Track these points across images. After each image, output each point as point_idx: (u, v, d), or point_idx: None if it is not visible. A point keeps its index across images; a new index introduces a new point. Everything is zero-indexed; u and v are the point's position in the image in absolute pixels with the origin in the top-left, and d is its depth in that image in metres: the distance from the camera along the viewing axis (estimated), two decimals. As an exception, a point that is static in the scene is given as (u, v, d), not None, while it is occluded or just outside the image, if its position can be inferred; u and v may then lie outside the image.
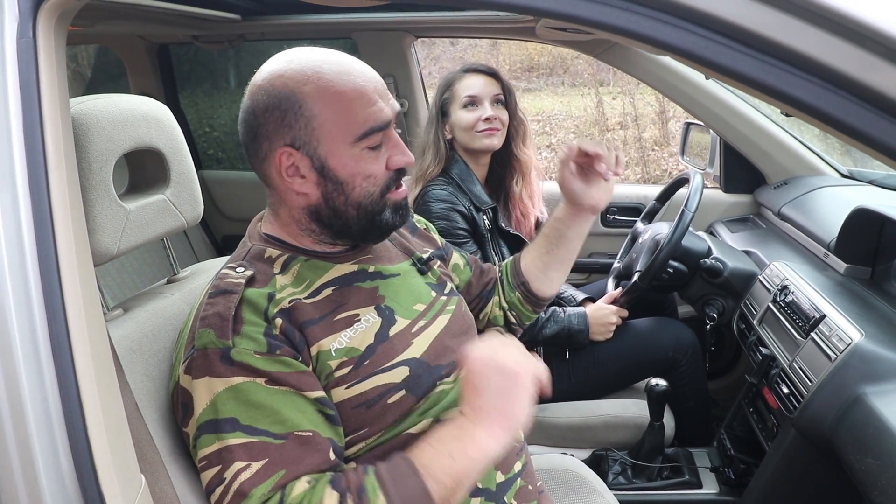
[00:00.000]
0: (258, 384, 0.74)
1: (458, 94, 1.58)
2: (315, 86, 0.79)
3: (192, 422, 0.75)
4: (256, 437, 0.73)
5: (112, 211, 0.88)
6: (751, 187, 2.00)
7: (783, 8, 0.46)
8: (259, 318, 0.77)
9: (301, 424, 0.75)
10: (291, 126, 0.79)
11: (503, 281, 1.18)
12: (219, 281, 0.81)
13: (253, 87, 0.82)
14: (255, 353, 0.75)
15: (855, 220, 1.31)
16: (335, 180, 0.81)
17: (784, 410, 1.19)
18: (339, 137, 0.79)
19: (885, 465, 0.88)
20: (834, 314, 1.14)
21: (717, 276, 1.52)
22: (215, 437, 0.73)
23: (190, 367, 0.76)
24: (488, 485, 0.87)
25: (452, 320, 0.95)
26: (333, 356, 0.80)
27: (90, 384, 0.60)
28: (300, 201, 0.84)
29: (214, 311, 0.77)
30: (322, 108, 0.78)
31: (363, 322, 0.84)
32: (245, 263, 0.84)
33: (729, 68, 0.46)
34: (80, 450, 0.59)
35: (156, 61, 2.42)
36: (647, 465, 1.47)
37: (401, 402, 0.82)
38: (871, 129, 0.45)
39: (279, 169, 0.81)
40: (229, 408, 0.73)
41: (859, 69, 0.44)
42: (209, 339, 0.75)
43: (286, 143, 0.80)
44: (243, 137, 0.84)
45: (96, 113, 0.86)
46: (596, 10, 0.49)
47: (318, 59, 0.81)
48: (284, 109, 0.78)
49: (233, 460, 0.72)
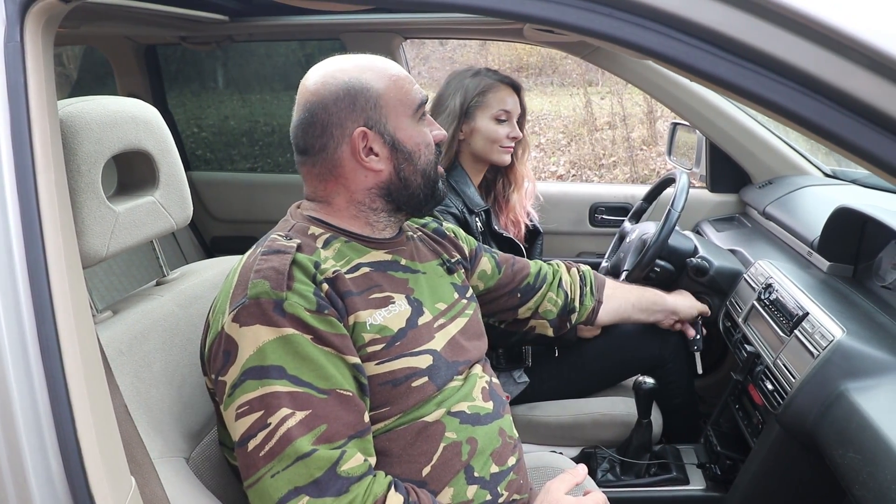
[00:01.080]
0: (306, 339, 0.78)
1: (490, 104, 1.53)
2: (373, 72, 0.89)
3: (235, 368, 0.77)
4: (302, 388, 0.76)
5: (101, 213, 0.88)
6: (736, 187, 2.03)
7: (761, 15, 0.47)
8: (308, 279, 0.81)
9: (342, 384, 0.79)
10: (364, 108, 0.87)
11: (582, 287, 1.32)
12: (271, 243, 0.86)
13: (311, 89, 0.89)
14: (305, 309, 0.78)
15: (837, 219, 1.34)
16: (405, 152, 0.90)
17: (768, 407, 1.21)
18: (402, 112, 0.90)
19: (867, 459, 0.90)
20: (817, 312, 1.16)
21: (703, 274, 1.54)
22: (259, 384, 0.75)
23: (239, 315, 0.78)
24: (483, 474, 0.91)
25: (468, 324, 1.01)
26: (368, 330, 0.84)
27: (79, 386, 0.60)
28: (370, 181, 0.90)
29: (269, 265, 0.81)
30: (384, 89, 0.88)
31: (397, 306, 0.89)
32: (291, 234, 0.89)
33: (709, 73, 0.47)
34: (69, 452, 0.59)
35: (143, 62, 2.41)
36: (635, 462, 1.48)
37: (423, 388, 0.87)
38: (846, 132, 0.46)
39: (355, 150, 0.88)
40: (277, 356, 0.76)
41: (834, 74, 0.46)
42: (263, 289, 0.78)
43: (361, 124, 0.87)
44: (304, 138, 0.90)
45: (84, 115, 0.86)
46: (580, 16, 0.50)
47: (362, 56, 0.92)
48: (354, 95, 0.87)
49: (279, 406, 0.75)
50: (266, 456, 0.74)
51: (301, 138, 0.90)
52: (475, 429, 0.91)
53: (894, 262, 1.27)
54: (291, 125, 0.92)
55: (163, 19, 1.86)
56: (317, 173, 0.91)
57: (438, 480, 0.87)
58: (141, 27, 2.04)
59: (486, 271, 1.19)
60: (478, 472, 0.90)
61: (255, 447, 0.75)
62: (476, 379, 0.97)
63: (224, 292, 0.84)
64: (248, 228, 2.40)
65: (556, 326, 1.31)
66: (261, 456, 0.74)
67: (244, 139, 2.78)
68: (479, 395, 0.95)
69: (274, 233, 0.90)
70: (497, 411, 0.97)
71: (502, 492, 0.93)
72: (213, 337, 0.82)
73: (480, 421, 0.93)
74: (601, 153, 5.90)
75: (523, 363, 1.61)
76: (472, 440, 0.90)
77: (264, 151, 2.79)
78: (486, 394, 0.97)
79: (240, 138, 2.77)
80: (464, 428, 0.90)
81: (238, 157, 2.82)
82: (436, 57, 8.98)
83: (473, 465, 0.90)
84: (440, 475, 0.87)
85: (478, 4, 0.49)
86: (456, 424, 0.90)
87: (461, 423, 0.90)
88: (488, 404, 0.96)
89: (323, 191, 0.92)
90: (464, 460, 0.89)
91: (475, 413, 0.93)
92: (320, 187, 0.92)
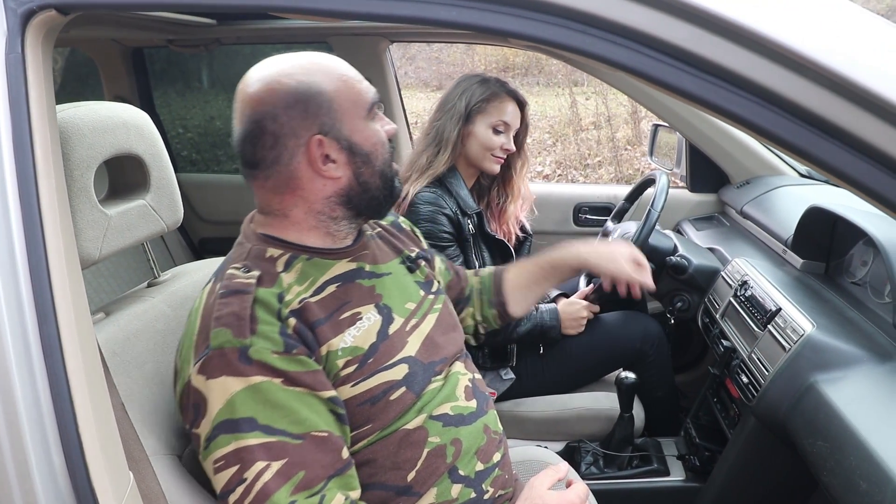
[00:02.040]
0: (275, 384, 0.75)
1: (491, 112, 1.55)
2: (322, 73, 0.83)
3: (206, 422, 0.75)
4: (275, 437, 0.74)
5: (93, 217, 0.89)
6: (715, 187, 2.08)
7: (724, 35, 0.51)
8: (273, 317, 0.78)
9: (318, 425, 0.77)
10: (317, 114, 0.82)
11: (481, 296, 1.23)
12: (228, 281, 0.81)
13: (255, 97, 0.82)
14: (272, 352, 0.76)
15: (809, 218, 1.39)
16: (363, 154, 0.85)
17: (744, 399, 1.26)
18: (356, 114, 0.85)
19: (834, 447, 0.94)
20: (789, 307, 1.21)
21: (683, 272, 1.58)
22: (232, 437, 0.74)
23: (204, 367, 0.76)
24: (469, 473, 0.91)
25: (440, 318, 0.99)
26: (340, 355, 0.82)
27: (80, 384, 0.62)
28: (328, 189, 0.86)
29: (230, 310, 0.77)
30: (335, 91, 0.83)
31: (365, 320, 0.87)
32: (249, 263, 0.84)
33: (674, 86, 0.51)
34: (71, 448, 0.61)
35: (130, 65, 2.41)
36: (617, 454, 1.52)
37: (401, 399, 0.86)
38: (799, 141, 0.50)
39: (312, 160, 0.83)
40: (247, 407, 0.74)
41: (789, 89, 0.49)
42: (226, 338, 0.75)
43: (315, 132, 0.82)
44: (253, 152, 0.84)
45: (77, 121, 0.88)
46: (557, 33, 0.54)
47: (305, 56, 0.86)
48: (305, 101, 0.81)
49: (253, 460, 0.73)
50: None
51: (250, 152, 0.84)
52: (459, 430, 0.91)
53: (864, 259, 1.32)
54: (235, 137, 0.85)
55: (150, 23, 1.88)
56: (271, 186, 0.86)
57: (423, 483, 0.87)
58: (129, 30, 2.04)
59: (441, 269, 1.17)
60: (462, 471, 0.90)
61: (234, 502, 0.73)
62: (458, 378, 0.96)
63: (188, 336, 0.81)
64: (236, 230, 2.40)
65: (475, 338, 1.28)
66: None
67: (230, 140, 2.78)
68: (463, 395, 0.95)
69: (231, 264, 0.85)
70: (481, 408, 0.96)
71: (487, 488, 0.93)
72: (181, 387, 0.79)
73: (465, 421, 0.92)
74: (586, 153, 5.96)
75: (508, 362, 1.64)
76: (456, 441, 0.90)
77: (251, 152, 2.79)
78: (470, 392, 0.96)
79: (226, 139, 2.77)
80: (447, 430, 0.89)
81: (224, 157, 2.82)
82: (422, 57, 8.99)
83: (458, 465, 0.90)
84: (425, 479, 0.87)
85: (459, 21, 0.53)
86: (439, 428, 0.89)
87: (444, 425, 0.89)
88: (472, 403, 0.95)
89: (279, 204, 0.87)
90: (448, 462, 0.89)
91: (459, 414, 0.92)
92: (275, 200, 0.87)
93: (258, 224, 0.91)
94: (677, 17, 0.50)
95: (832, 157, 0.49)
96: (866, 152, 0.48)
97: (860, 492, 0.85)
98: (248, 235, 0.90)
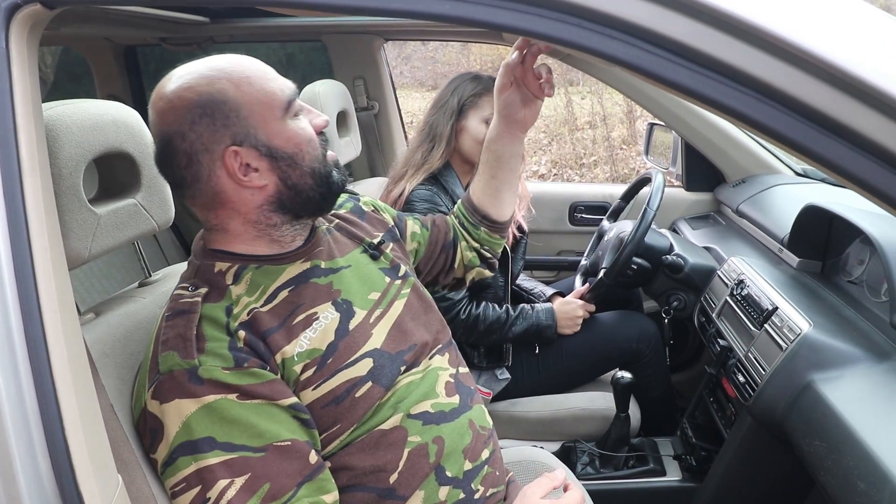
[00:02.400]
0: (230, 400, 0.74)
1: (483, 106, 1.56)
2: (226, 79, 0.78)
3: (164, 447, 0.74)
4: (236, 454, 0.73)
5: (82, 216, 0.88)
6: (711, 186, 2.08)
7: (720, 27, 0.50)
8: (221, 332, 0.77)
9: (280, 434, 0.76)
10: (226, 125, 0.77)
11: (464, 225, 1.20)
12: (174, 303, 0.80)
13: (159, 115, 0.79)
14: (222, 369, 0.75)
15: (806, 216, 1.38)
16: (285, 157, 0.81)
17: (741, 399, 1.25)
18: (270, 115, 0.79)
19: (831, 447, 0.93)
20: (786, 306, 1.21)
21: (679, 271, 1.58)
22: (192, 459, 0.73)
23: (157, 391, 0.75)
24: (456, 473, 0.89)
25: (409, 303, 0.97)
26: (296, 361, 0.80)
27: (67, 386, 0.61)
28: (257, 199, 0.82)
29: (175, 332, 0.76)
30: (242, 96, 0.78)
31: (322, 320, 0.85)
32: (196, 281, 0.83)
33: (671, 80, 0.50)
34: (57, 450, 0.60)
35: (123, 63, 2.39)
36: (613, 454, 1.52)
37: (368, 395, 0.84)
38: (798, 136, 0.49)
39: (231, 172, 0.79)
40: (203, 427, 0.73)
41: (787, 83, 0.49)
42: (174, 361, 0.75)
43: (227, 143, 0.78)
44: (171, 172, 0.81)
45: (66, 118, 0.87)
46: (552, 27, 0.53)
47: (208, 62, 0.81)
48: (211, 112, 0.77)
49: (215, 480, 0.72)
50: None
51: (168, 172, 0.82)
52: (441, 427, 0.89)
53: (860, 258, 1.32)
54: (153, 155, 0.84)
55: (143, 21, 1.86)
56: (201, 204, 0.83)
57: (407, 486, 0.85)
58: (121, 29, 2.03)
59: (416, 232, 1.14)
60: (450, 471, 0.88)
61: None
62: (437, 373, 0.94)
63: (145, 361, 0.80)
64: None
65: (488, 265, 1.23)
66: None
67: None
68: (443, 391, 0.92)
69: (180, 284, 0.85)
70: (464, 404, 0.94)
71: (477, 487, 0.91)
72: (138, 413, 0.78)
73: (446, 418, 0.90)
74: (582, 152, 5.96)
75: (504, 361, 1.63)
76: (438, 439, 0.88)
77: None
78: (451, 388, 0.94)
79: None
80: (428, 428, 0.87)
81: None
82: (418, 56, 8.98)
83: (445, 465, 0.88)
84: (408, 480, 0.85)
85: (451, 14, 0.52)
86: (419, 427, 0.87)
87: (424, 423, 0.87)
88: (454, 399, 0.93)
89: (215, 219, 0.84)
90: (432, 462, 0.87)
91: (440, 411, 0.90)
92: (211, 216, 0.84)
93: (207, 240, 0.89)
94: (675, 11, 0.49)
95: (832, 153, 0.48)
96: (867, 148, 0.47)
97: (858, 492, 0.84)
98: (197, 253, 0.88)
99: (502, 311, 1.58)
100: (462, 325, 1.52)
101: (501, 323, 1.56)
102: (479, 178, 1.17)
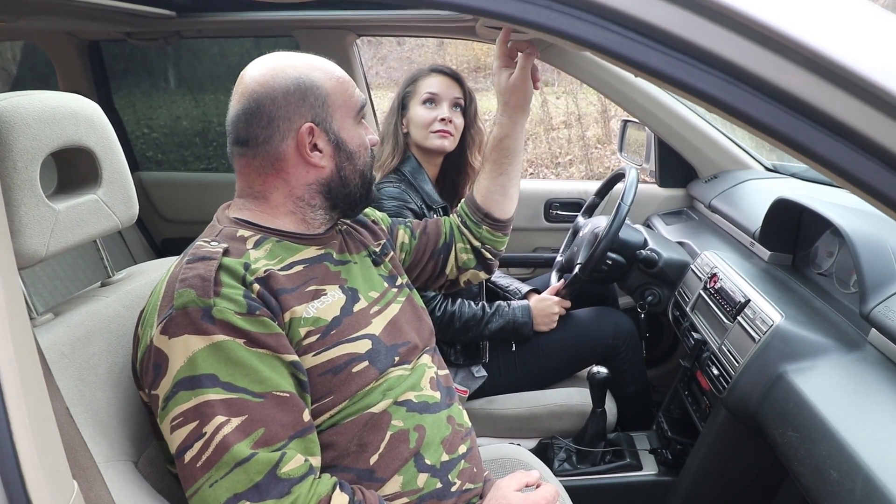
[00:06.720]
0: (238, 343, 0.76)
1: (419, 91, 1.59)
2: (322, 71, 0.90)
3: (166, 381, 0.76)
4: (236, 394, 0.75)
5: (39, 212, 0.85)
6: (684, 181, 2.10)
7: (691, 8, 0.49)
8: (237, 282, 0.80)
9: (280, 384, 0.78)
10: (313, 105, 0.88)
11: (465, 223, 1.24)
12: (196, 250, 0.84)
13: (258, 80, 0.88)
14: (235, 313, 0.77)
15: (776, 210, 1.40)
16: (347, 151, 0.92)
17: (715, 391, 1.26)
18: (346, 113, 0.92)
19: (804, 437, 0.94)
20: (758, 298, 1.21)
21: (653, 266, 1.58)
22: (192, 394, 0.74)
23: (167, 326, 0.77)
24: (434, 462, 0.92)
25: (403, 309, 1.02)
26: (302, 324, 0.84)
27: (15, 389, 0.58)
28: (310, 177, 0.91)
29: (195, 273, 0.79)
30: (331, 89, 0.90)
31: (329, 297, 0.89)
32: (219, 239, 0.87)
33: (641, 63, 0.49)
34: (5, 456, 0.56)
35: (86, 59, 2.32)
36: (590, 450, 1.52)
37: (364, 373, 0.88)
38: (770, 120, 0.49)
39: (301, 144, 0.88)
40: (209, 364, 0.75)
41: (758, 65, 0.48)
42: (190, 297, 0.77)
43: (308, 120, 0.88)
44: (246, 129, 0.88)
45: (20, 110, 0.83)
46: (520, 8, 0.51)
47: (308, 55, 0.93)
48: (304, 91, 0.88)
49: (213, 414, 0.74)
50: (203, 466, 0.73)
51: (243, 129, 0.88)
52: (423, 416, 0.92)
53: (829, 250, 1.33)
54: (230, 115, 0.90)
55: (105, 14, 1.80)
56: (257, 166, 0.90)
57: (386, 468, 0.88)
58: (83, 22, 1.96)
59: (404, 242, 1.19)
60: (428, 459, 0.91)
61: (191, 458, 0.74)
62: (424, 369, 0.98)
63: (151, 305, 0.82)
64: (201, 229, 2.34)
65: (485, 267, 1.26)
66: (198, 466, 0.73)
67: (197, 139, 2.71)
68: (427, 385, 0.97)
69: (200, 239, 0.89)
70: (444, 401, 0.98)
71: (454, 480, 0.93)
72: (142, 351, 0.81)
73: (429, 409, 0.94)
74: (557, 152, 6.00)
75: (481, 359, 1.62)
76: (419, 427, 0.91)
77: (219, 152, 2.72)
78: (434, 383, 0.98)
79: (193, 139, 2.70)
80: (411, 416, 0.91)
81: (192, 157, 2.75)
82: (393, 57, 8.95)
83: (424, 454, 0.91)
84: (388, 463, 0.88)
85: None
86: (403, 413, 0.90)
87: (408, 411, 0.91)
88: (436, 394, 0.97)
89: (261, 185, 0.91)
90: (412, 447, 0.90)
91: (423, 402, 0.94)
92: (258, 181, 0.91)
93: (233, 209, 0.94)
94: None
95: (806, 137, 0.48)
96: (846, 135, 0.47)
97: (831, 480, 0.85)
98: (221, 219, 0.93)
99: (478, 309, 1.57)
100: (437, 322, 1.51)
101: (477, 320, 1.55)
102: (486, 177, 1.22)
